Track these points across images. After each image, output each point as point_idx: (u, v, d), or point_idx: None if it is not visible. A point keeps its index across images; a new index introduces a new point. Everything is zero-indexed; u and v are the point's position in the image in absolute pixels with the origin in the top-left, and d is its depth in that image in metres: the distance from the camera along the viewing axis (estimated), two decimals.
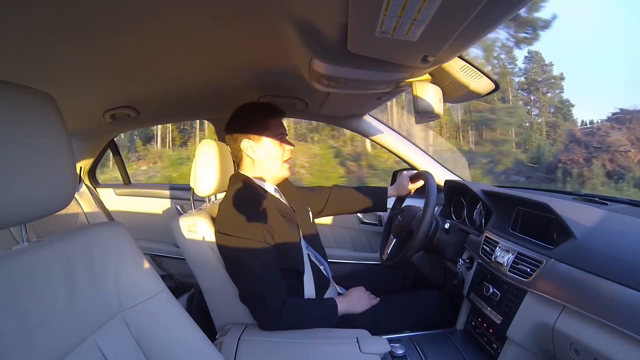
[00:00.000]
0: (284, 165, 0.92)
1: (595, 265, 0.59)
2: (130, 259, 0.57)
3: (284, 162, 0.92)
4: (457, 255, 1.01)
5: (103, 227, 0.58)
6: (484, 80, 0.76)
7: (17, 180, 0.42)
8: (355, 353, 0.70)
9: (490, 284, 0.82)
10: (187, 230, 0.83)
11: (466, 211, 1.13)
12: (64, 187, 0.48)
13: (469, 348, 0.86)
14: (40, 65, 0.73)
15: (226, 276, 0.82)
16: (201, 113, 1.42)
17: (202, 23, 0.59)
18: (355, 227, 1.49)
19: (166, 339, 0.56)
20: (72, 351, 0.46)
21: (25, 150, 0.43)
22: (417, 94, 0.76)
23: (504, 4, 0.44)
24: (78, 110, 1.15)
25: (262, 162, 0.90)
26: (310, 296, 0.88)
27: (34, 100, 0.46)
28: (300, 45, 0.62)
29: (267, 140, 0.89)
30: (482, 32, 0.52)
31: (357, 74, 0.68)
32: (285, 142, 0.92)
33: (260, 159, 0.90)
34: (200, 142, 0.99)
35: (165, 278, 1.67)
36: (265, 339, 0.76)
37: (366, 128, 1.39)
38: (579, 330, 0.57)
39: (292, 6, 0.52)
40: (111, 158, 1.94)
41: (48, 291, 0.46)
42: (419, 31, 0.47)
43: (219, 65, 0.84)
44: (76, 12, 0.52)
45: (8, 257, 0.44)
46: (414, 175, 1.13)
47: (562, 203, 0.76)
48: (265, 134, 0.89)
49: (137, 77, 0.89)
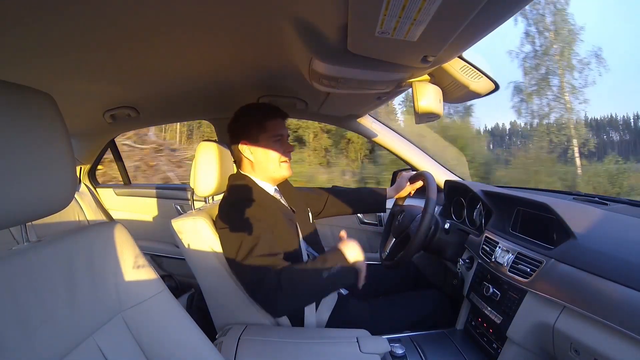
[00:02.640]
0: (283, 165, 0.91)
1: (595, 265, 0.59)
2: (130, 259, 0.57)
3: (281, 162, 0.91)
4: (457, 255, 1.01)
5: (103, 227, 0.58)
6: (484, 80, 0.76)
7: (17, 180, 0.42)
8: (355, 353, 0.70)
9: (490, 284, 0.82)
10: (187, 231, 0.83)
11: (466, 211, 1.13)
12: (63, 187, 0.48)
13: (469, 348, 0.86)
14: (40, 65, 0.73)
15: (226, 276, 0.82)
16: (201, 113, 1.42)
17: (202, 23, 0.59)
18: (355, 227, 1.49)
19: (166, 339, 0.56)
20: (72, 351, 0.46)
21: (25, 150, 0.43)
22: (417, 94, 0.76)
23: (504, 4, 0.44)
24: (78, 110, 1.15)
25: (260, 164, 0.90)
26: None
27: (34, 100, 0.46)
28: (300, 45, 0.62)
29: (264, 143, 0.89)
30: (482, 32, 0.52)
31: (357, 74, 0.68)
32: (284, 144, 0.92)
33: (258, 160, 0.90)
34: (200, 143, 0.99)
35: (165, 278, 1.67)
36: (265, 339, 0.76)
37: (366, 128, 1.39)
38: (579, 330, 0.57)
39: (292, 6, 0.52)
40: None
41: (48, 291, 0.46)
42: (419, 31, 0.47)
43: (219, 66, 0.84)
44: (76, 12, 0.52)
45: (8, 257, 0.44)
46: (414, 176, 1.13)
47: (562, 203, 0.76)
48: (262, 136, 0.88)
49: (137, 77, 0.89)
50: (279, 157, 0.90)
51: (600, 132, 25.88)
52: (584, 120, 14.21)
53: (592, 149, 11.43)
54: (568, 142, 10.98)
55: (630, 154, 21.80)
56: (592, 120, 24.06)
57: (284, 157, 0.91)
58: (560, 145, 11.03)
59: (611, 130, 27.53)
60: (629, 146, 26.16)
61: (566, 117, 11.06)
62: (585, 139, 11.22)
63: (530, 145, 12.12)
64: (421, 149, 1.40)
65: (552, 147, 10.88)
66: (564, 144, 11.04)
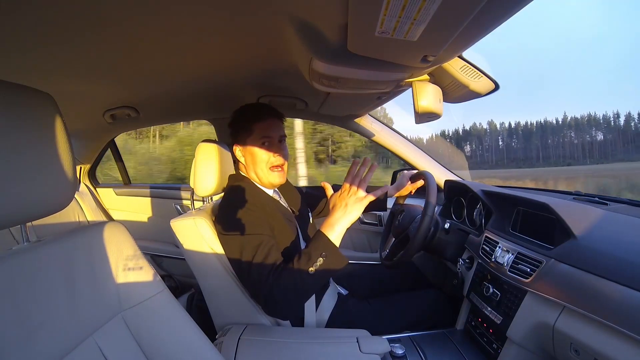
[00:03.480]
0: (273, 171, 0.87)
1: (595, 265, 0.59)
2: (130, 259, 0.57)
3: (270, 168, 0.87)
4: (457, 255, 1.01)
5: (103, 227, 0.58)
6: (484, 80, 0.76)
7: (17, 180, 0.41)
8: (355, 353, 0.70)
9: (490, 284, 0.82)
10: (187, 231, 0.83)
11: (466, 211, 1.13)
12: (63, 187, 0.48)
13: (469, 348, 0.86)
14: (40, 65, 0.73)
15: (226, 276, 0.82)
16: (201, 113, 1.42)
17: (202, 23, 0.59)
18: (355, 227, 1.49)
19: (166, 339, 0.56)
20: (72, 351, 0.46)
21: (25, 150, 0.43)
22: (417, 94, 0.76)
23: (504, 4, 0.44)
24: (78, 110, 1.15)
25: (250, 168, 0.89)
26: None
27: (34, 100, 0.45)
28: (300, 45, 0.62)
29: (251, 145, 0.86)
30: (482, 32, 0.52)
31: (357, 74, 0.68)
32: (272, 146, 0.87)
33: (248, 164, 0.89)
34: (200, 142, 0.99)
35: (165, 278, 1.67)
36: (265, 339, 0.76)
37: (366, 128, 1.39)
38: (579, 330, 0.57)
39: (292, 6, 0.52)
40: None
41: (48, 291, 0.46)
42: (419, 31, 0.47)
43: (219, 65, 0.84)
44: (76, 12, 0.52)
45: (8, 257, 0.44)
46: (414, 175, 1.13)
47: (562, 203, 0.76)
48: (249, 139, 0.87)
49: (137, 77, 0.89)
50: (266, 162, 0.86)
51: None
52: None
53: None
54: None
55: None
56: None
57: (274, 162, 0.87)
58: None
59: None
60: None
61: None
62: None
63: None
64: (421, 149, 1.40)
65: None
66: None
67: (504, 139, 50.24)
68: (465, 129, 49.88)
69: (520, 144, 50.38)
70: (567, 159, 47.39)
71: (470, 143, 47.31)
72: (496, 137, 50.52)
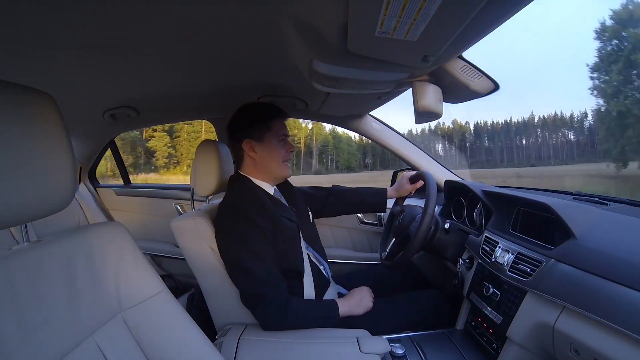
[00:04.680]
0: (284, 164, 0.93)
1: (595, 265, 0.59)
2: (130, 259, 0.57)
3: (283, 162, 0.92)
4: (457, 255, 1.01)
5: (103, 227, 0.58)
6: (484, 80, 0.76)
7: (18, 180, 0.42)
8: (355, 353, 0.70)
9: (490, 284, 0.82)
10: (187, 231, 0.83)
11: (466, 211, 1.13)
12: (64, 187, 0.48)
13: (469, 348, 0.86)
14: (40, 65, 0.73)
15: (226, 276, 0.82)
16: (201, 113, 1.42)
17: (202, 23, 0.59)
18: (355, 227, 1.49)
19: (166, 339, 0.56)
20: (72, 351, 0.46)
21: (26, 150, 0.43)
22: (417, 94, 0.76)
23: (504, 4, 0.44)
24: (78, 110, 1.15)
25: (262, 162, 0.90)
26: (309, 296, 0.88)
27: (34, 100, 0.46)
28: (300, 45, 0.62)
29: (269, 141, 0.89)
30: (482, 32, 0.52)
31: (357, 74, 0.68)
32: (287, 144, 0.93)
33: (262, 158, 0.90)
34: (200, 142, 0.99)
35: (165, 278, 1.67)
36: (265, 339, 0.76)
37: (366, 128, 1.39)
38: (579, 330, 0.57)
39: (292, 6, 0.52)
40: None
41: (48, 291, 0.46)
42: (419, 31, 0.47)
43: (219, 65, 0.84)
44: (76, 11, 0.53)
45: (8, 257, 0.44)
46: (414, 176, 1.13)
47: (562, 203, 0.76)
48: (267, 134, 0.89)
49: (137, 77, 0.89)
50: (282, 157, 0.91)
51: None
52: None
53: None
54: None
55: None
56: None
57: (287, 156, 0.93)
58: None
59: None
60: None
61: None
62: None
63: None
64: (421, 149, 1.40)
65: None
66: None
67: (468, 139, 50.20)
68: (431, 128, 49.90)
69: (485, 144, 50.39)
70: (531, 160, 47.34)
71: (435, 143, 47.37)
72: (460, 137, 50.52)
